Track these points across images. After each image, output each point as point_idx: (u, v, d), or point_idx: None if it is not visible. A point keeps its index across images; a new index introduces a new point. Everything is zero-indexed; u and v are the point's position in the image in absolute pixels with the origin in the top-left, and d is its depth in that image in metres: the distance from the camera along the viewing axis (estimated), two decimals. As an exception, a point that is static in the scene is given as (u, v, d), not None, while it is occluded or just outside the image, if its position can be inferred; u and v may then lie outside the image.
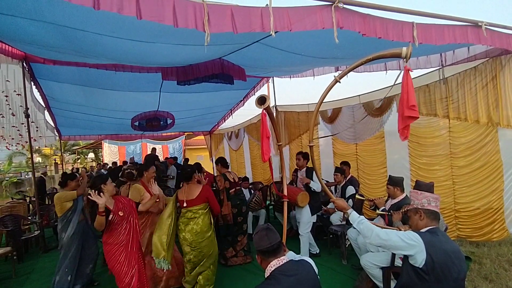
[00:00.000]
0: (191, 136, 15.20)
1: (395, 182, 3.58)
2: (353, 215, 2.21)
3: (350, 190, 4.76)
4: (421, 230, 2.02)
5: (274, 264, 1.70)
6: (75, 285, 3.73)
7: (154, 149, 10.90)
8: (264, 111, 3.17)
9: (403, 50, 2.18)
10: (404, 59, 2.26)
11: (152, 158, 9.84)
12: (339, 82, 2.49)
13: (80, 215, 3.81)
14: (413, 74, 4.92)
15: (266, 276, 1.71)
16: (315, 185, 4.19)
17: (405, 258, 1.96)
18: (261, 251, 1.73)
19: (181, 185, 3.62)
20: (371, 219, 4.23)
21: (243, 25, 1.92)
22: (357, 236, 3.75)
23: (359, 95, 5.72)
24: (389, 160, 5.37)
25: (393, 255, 2.92)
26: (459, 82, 4.31)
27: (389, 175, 3.81)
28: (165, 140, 14.14)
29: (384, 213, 3.36)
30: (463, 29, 3.05)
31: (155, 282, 3.61)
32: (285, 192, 3.48)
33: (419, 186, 3.19)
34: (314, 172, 4.32)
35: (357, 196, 3.90)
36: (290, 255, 1.89)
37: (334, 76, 2.51)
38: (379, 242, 2.00)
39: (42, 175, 9.97)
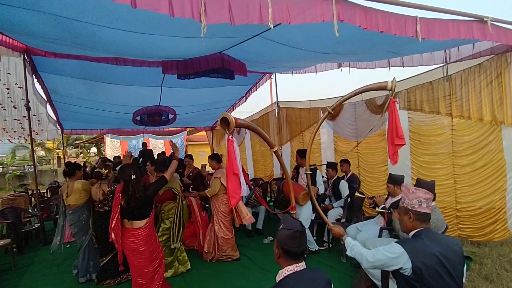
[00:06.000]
0: (193, 132, 15.19)
1: (395, 180, 3.54)
2: (347, 241, 2.18)
3: (343, 185, 4.74)
4: (410, 233, 1.97)
5: (292, 269, 1.55)
6: (91, 273, 3.93)
7: (144, 144, 10.94)
8: (230, 137, 2.28)
9: (388, 83, 2.33)
10: (390, 91, 2.39)
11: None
12: (331, 112, 2.78)
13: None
14: (416, 71, 4.88)
15: (278, 280, 1.56)
16: (321, 188, 4.23)
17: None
18: (286, 250, 1.55)
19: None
20: (371, 217, 4.22)
21: (241, 16, 1.88)
22: (356, 234, 3.72)
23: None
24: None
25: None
26: (463, 80, 4.24)
27: (390, 173, 3.77)
28: (167, 136, 14.14)
29: (384, 211, 3.32)
30: (468, 25, 2.98)
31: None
32: (292, 197, 3.16)
33: (420, 184, 3.18)
34: (317, 171, 4.31)
35: (356, 193, 3.87)
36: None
37: (327, 108, 2.75)
38: (370, 265, 1.96)
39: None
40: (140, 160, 10.14)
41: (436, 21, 2.79)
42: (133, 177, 2.87)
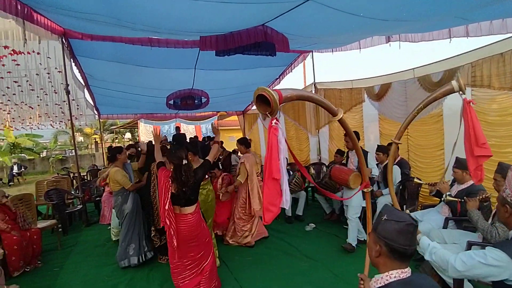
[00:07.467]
0: (224, 117, 15.09)
1: (464, 165, 3.09)
2: (423, 242, 1.78)
3: (395, 170, 4.33)
4: (510, 232, 1.64)
5: (396, 275, 1.19)
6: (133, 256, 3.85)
7: (177, 128, 10.89)
8: (274, 122, 1.45)
9: (453, 84, 1.95)
10: (459, 92, 1.96)
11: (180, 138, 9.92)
12: (400, 143, 2.34)
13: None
14: (485, 41, 4.25)
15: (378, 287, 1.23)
16: (375, 171, 3.93)
17: None
18: (392, 248, 1.19)
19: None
20: (431, 206, 3.81)
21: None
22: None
23: (413, 69, 5.10)
24: (447, 142, 4.77)
25: (469, 247, 2.50)
26: (544, 49, 3.61)
27: (457, 157, 3.31)
28: (198, 121, 14.15)
29: (456, 199, 2.92)
30: None
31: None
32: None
33: (502, 169, 2.74)
34: (368, 154, 3.96)
35: (415, 179, 3.47)
36: None
37: (392, 139, 2.34)
38: (460, 275, 1.62)
39: None
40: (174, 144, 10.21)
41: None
42: (185, 161, 2.71)
